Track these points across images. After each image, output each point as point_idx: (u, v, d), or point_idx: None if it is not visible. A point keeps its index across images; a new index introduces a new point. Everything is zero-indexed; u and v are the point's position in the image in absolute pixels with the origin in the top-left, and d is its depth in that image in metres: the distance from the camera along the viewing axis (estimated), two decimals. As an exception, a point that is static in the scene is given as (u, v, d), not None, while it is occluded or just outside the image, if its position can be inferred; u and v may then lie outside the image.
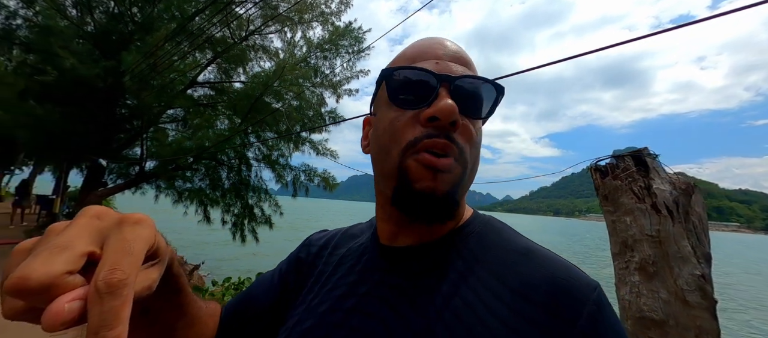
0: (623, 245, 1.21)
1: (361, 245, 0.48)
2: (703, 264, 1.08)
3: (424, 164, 0.36)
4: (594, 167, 1.36)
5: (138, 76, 5.51)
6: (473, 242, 0.41)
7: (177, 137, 7.61)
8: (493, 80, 0.40)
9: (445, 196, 0.36)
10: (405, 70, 0.39)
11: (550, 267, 0.36)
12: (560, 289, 0.34)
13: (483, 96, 0.40)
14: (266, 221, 7.83)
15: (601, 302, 0.34)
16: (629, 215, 1.20)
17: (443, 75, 0.38)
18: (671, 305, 1.06)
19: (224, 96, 8.06)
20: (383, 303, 0.39)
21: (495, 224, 0.44)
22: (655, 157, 1.23)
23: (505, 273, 0.36)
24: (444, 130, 0.36)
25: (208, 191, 7.68)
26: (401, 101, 0.39)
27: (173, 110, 7.71)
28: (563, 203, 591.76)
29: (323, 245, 0.53)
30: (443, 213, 0.38)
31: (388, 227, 0.44)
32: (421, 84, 0.38)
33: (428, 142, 0.36)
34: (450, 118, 0.36)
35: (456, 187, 0.37)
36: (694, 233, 1.14)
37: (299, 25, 7.89)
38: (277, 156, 7.79)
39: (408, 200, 0.38)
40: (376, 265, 0.44)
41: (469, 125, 0.39)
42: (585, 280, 0.35)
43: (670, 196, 1.15)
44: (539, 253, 0.38)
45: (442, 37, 0.43)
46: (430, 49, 0.41)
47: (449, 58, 0.40)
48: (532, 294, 0.34)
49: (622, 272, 1.22)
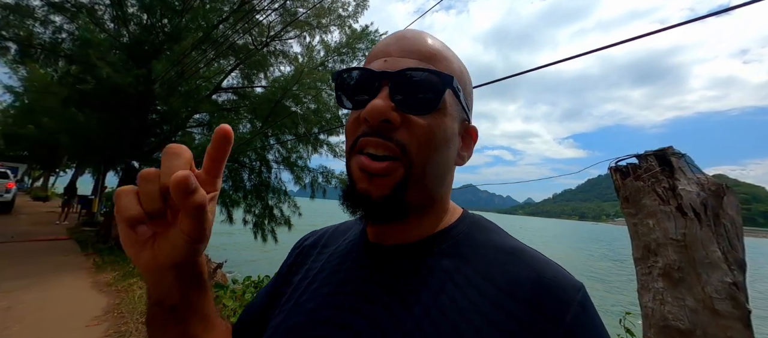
0: (646, 249, 1.14)
1: (350, 242, 0.48)
2: (735, 270, 1.00)
3: (359, 167, 0.37)
4: (614, 167, 1.29)
5: (167, 83, 5.83)
6: (461, 242, 0.41)
7: (202, 140, 7.98)
8: (437, 71, 0.38)
9: (382, 199, 0.36)
10: (350, 72, 0.40)
11: (536, 267, 0.36)
12: (546, 289, 0.34)
13: (429, 88, 0.37)
14: (285, 221, 8.03)
15: (586, 303, 0.34)
16: (652, 217, 1.13)
17: (381, 73, 0.37)
18: (699, 314, 0.99)
19: (246, 100, 8.38)
20: (370, 301, 0.39)
21: (483, 224, 0.44)
22: (681, 156, 1.16)
23: (491, 272, 0.37)
24: (377, 129, 0.36)
25: (231, 192, 7.99)
26: (347, 103, 0.41)
27: (199, 114, 8.10)
28: (589, 206, 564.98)
29: (312, 244, 0.54)
30: (384, 215, 0.38)
31: (373, 227, 0.44)
32: (362, 85, 0.39)
33: (363, 140, 0.37)
34: (376, 118, 0.36)
35: (398, 189, 0.36)
36: (725, 237, 1.06)
37: (317, 29, 8.09)
38: (295, 158, 8.00)
39: (350, 200, 0.39)
40: (363, 263, 0.44)
41: (418, 121, 0.37)
42: (570, 281, 0.35)
43: (698, 198, 1.08)
44: (526, 253, 0.38)
45: (405, 32, 0.41)
46: (385, 47, 0.40)
47: (401, 53, 0.38)
48: (518, 292, 0.34)
49: (644, 278, 1.15)
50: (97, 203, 10.58)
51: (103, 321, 3.56)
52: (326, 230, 0.56)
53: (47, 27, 7.32)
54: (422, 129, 0.37)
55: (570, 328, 0.32)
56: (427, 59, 0.39)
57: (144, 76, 6.16)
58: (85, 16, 6.75)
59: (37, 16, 7.08)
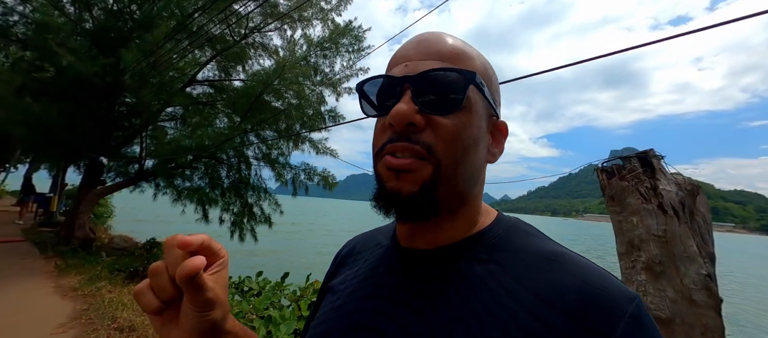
0: (630, 244, 1.22)
1: (383, 247, 0.49)
2: (708, 263, 1.10)
3: (386, 166, 0.38)
4: (600, 168, 1.37)
5: (138, 74, 5.47)
6: (496, 246, 0.40)
7: (176, 135, 7.58)
8: (458, 68, 0.38)
9: (411, 196, 0.36)
10: (371, 81, 0.41)
11: (581, 274, 0.33)
12: (592, 299, 0.31)
13: (451, 87, 0.37)
14: (266, 220, 7.82)
15: (641, 315, 0.31)
16: (636, 215, 1.21)
17: (403, 77, 0.38)
18: (678, 304, 1.08)
19: (223, 94, 8.03)
20: (402, 306, 0.39)
21: (521, 228, 0.43)
22: (660, 158, 1.25)
23: (529, 278, 0.35)
24: (402, 134, 0.37)
25: (208, 189, 7.66)
26: (372, 110, 0.42)
27: (172, 107, 7.67)
28: (561, 203, 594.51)
29: (347, 253, 0.55)
30: (415, 212, 0.37)
31: (403, 228, 0.45)
32: (385, 91, 0.40)
33: (390, 146, 0.37)
34: (401, 122, 0.36)
35: (427, 186, 0.36)
36: (699, 232, 1.16)
37: (299, 22, 7.88)
38: (276, 155, 7.78)
39: (381, 200, 0.39)
40: (395, 268, 0.44)
41: (443, 121, 0.37)
42: (622, 290, 0.32)
43: (676, 197, 1.16)
44: (570, 259, 0.36)
45: (428, 34, 0.41)
46: (405, 52, 0.41)
47: (421, 56, 0.39)
48: (559, 301, 0.32)
49: (628, 271, 1.23)
50: (56, 202, 9.79)
51: (70, 328, 3.31)
52: (361, 237, 0.57)
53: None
54: (448, 129, 0.37)
55: None
56: (448, 59, 0.39)
57: (112, 66, 5.75)
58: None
59: (-16, -4, 6.40)
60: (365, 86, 0.42)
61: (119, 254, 6.81)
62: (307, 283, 4.31)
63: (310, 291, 4.04)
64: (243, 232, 7.63)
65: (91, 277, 4.86)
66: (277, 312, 3.41)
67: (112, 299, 4.09)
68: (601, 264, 0.38)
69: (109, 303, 3.94)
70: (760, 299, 12.61)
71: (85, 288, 4.45)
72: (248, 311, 4.18)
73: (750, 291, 14.15)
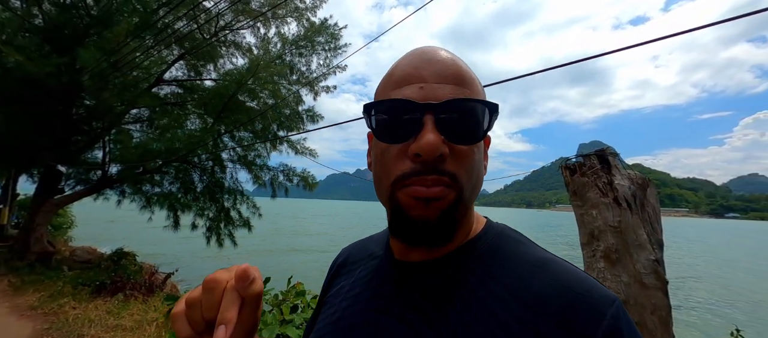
0: (590, 235, 1.33)
1: (377, 258, 0.49)
2: (656, 249, 1.22)
3: (414, 196, 0.36)
4: (564, 165, 1.48)
5: (98, 74, 5.11)
6: (485, 256, 0.40)
7: (143, 138, 7.16)
8: (485, 100, 0.38)
9: (438, 222, 0.36)
10: (386, 104, 0.39)
11: (564, 279, 0.35)
12: (574, 302, 0.32)
13: (476, 118, 0.37)
14: (244, 223, 7.59)
15: (620, 316, 0.32)
16: (595, 208, 1.32)
17: (426, 105, 0.36)
18: (631, 287, 1.19)
19: (194, 94, 7.68)
20: (397, 319, 0.39)
21: (509, 234, 0.43)
22: (615, 155, 1.36)
23: (518, 286, 0.36)
24: (430, 165, 0.35)
25: (180, 194, 7.32)
26: (386, 136, 0.38)
27: (137, 109, 7.24)
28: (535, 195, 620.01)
29: (342, 263, 0.56)
30: (440, 238, 0.38)
31: (398, 244, 0.45)
32: (404, 117, 0.37)
33: (416, 179, 0.36)
34: (434, 154, 0.35)
35: (451, 211, 0.37)
36: (649, 222, 1.28)
37: (273, 20, 7.67)
38: (253, 157, 7.56)
39: (403, 228, 0.38)
40: (390, 281, 0.44)
41: (462, 149, 0.37)
42: (603, 293, 0.34)
43: (629, 190, 1.28)
44: (554, 264, 0.37)
45: (429, 51, 0.40)
46: (415, 71, 0.39)
47: (436, 79, 0.37)
48: (545, 307, 0.33)
49: (589, 260, 1.34)
50: (6, 214, 8.97)
51: (29, 350, 3.09)
52: (356, 245, 0.57)
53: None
54: (468, 157, 0.37)
55: None
56: (462, 84, 0.38)
57: (67, 65, 5.34)
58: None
59: None
60: (378, 107, 0.40)
61: (83, 267, 6.39)
62: (289, 286, 4.26)
63: (292, 294, 3.99)
64: (220, 237, 7.38)
65: (52, 294, 4.53)
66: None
67: (77, 315, 3.84)
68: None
69: (74, 320, 3.70)
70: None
71: (46, 305, 4.15)
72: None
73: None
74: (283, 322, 3.26)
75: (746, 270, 16.40)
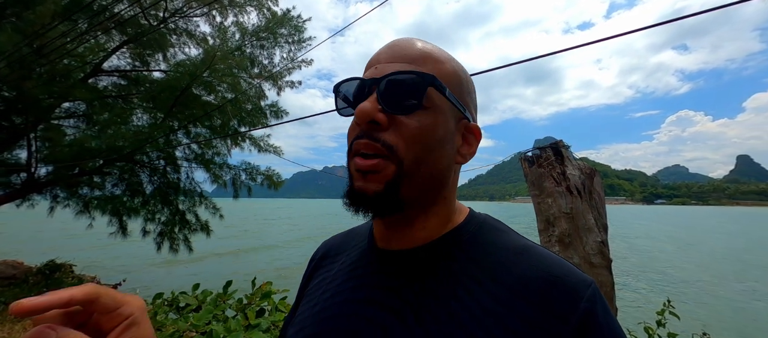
0: (547, 222, 1.44)
1: (360, 249, 0.49)
2: (602, 232, 1.35)
3: (355, 167, 0.40)
4: (523, 157, 1.57)
5: (18, 62, 4.43)
6: (468, 244, 0.41)
7: (78, 135, 6.37)
8: (417, 71, 0.39)
9: (376, 195, 0.38)
10: (344, 84, 0.44)
11: (544, 265, 0.36)
12: (554, 286, 0.34)
13: (410, 89, 0.39)
14: (203, 227, 7.08)
15: (595, 299, 0.34)
16: (551, 197, 1.42)
17: (370, 79, 0.40)
18: (581, 267, 1.30)
19: (141, 87, 6.98)
20: (382, 308, 0.39)
21: (492, 224, 0.45)
22: (568, 148, 1.48)
23: (500, 272, 0.37)
24: (367, 131, 0.39)
25: (125, 198, 6.62)
26: (344, 110, 0.44)
27: (70, 102, 6.41)
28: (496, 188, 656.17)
29: (323, 255, 0.55)
30: (381, 209, 0.39)
31: (379, 229, 0.46)
32: (356, 93, 0.42)
33: (355, 144, 0.40)
34: (364, 119, 0.38)
35: (391, 185, 0.38)
36: (595, 208, 1.41)
37: (230, 8, 7.20)
38: (212, 155, 7.06)
39: (349, 198, 0.41)
40: (374, 270, 0.44)
41: (406, 121, 0.38)
42: (580, 277, 0.35)
43: (579, 179, 1.40)
44: (534, 251, 0.39)
45: (400, 40, 0.44)
46: (376, 56, 0.43)
47: (389, 59, 0.41)
48: (527, 292, 0.34)
49: (546, 244, 1.44)
50: None
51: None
52: (337, 238, 0.57)
53: None
54: (410, 129, 0.38)
55: (581, 325, 0.32)
56: (414, 62, 0.40)
57: (-24, 50, 4.56)
58: None
59: None
60: (341, 87, 0.44)
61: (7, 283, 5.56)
62: (255, 289, 4.07)
63: (257, 296, 3.82)
64: (175, 243, 6.82)
65: None
66: (221, 325, 3.16)
67: None
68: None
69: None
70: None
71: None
72: (186, 329, 3.79)
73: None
74: (248, 327, 3.11)
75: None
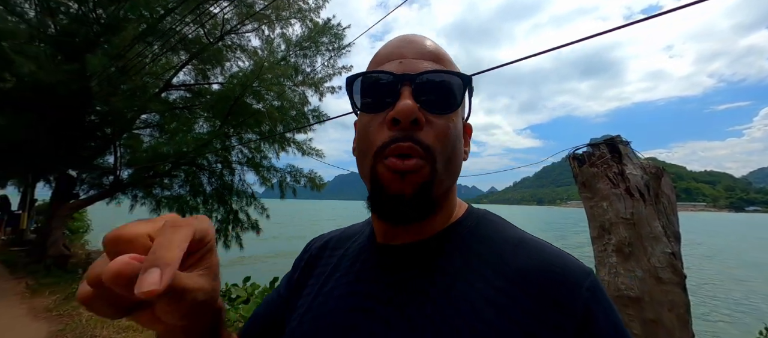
0: (601, 228, 1.27)
1: (359, 244, 0.49)
2: (673, 242, 1.15)
3: (391, 168, 0.36)
4: (572, 155, 1.41)
5: (106, 81, 5.22)
6: (468, 237, 0.41)
7: (153, 143, 7.30)
8: (457, 72, 0.40)
9: (414, 196, 0.37)
10: (367, 76, 0.40)
11: (543, 256, 0.36)
12: (554, 277, 0.34)
13: (450, 89, 0.39)
14: (253, 226, 7.64)
15: (595, 288, 0.34)
16: (606, 200, 1.25)
17: (403, 75, 0.38)
18: (646, 282, 1.12)
19: (202, 98, 7.79)
20: (383, 302, 0.39)
21: (489, 217, 0.45)
22: (627, 144, 1.29)
23: (500, 264, 0.37)
24: (407, 131, 0.36)
25: (189, 197, 7.42)
26: (367, 106, 0.40)
27: (147, 114, 7.38)
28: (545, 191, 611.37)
29: (322, 246, 0.54)
30: (417, 213, 0.38)
31: (382, 226, 0.44)
32: (383, 87, 0.39)
33: (393, 147, 0.36)
34: (409, 118, 0.36)
35: (427, 186, 0.37)
36: (664, 213, 1.21)
37: (277, 22, 7.72)
38: (260, 158, 7.62)
39: (381, 204, 0.39)
40: (374, 264, 0.44)
41: (437, 121, 0.38)
42: (578, 267, 0.36)
43: (642, 180, 1.21)
44: (532, 243, 0.39)
45: (412, 35, 0.43)
46: (397, 49, 0.41)
47: (415, 55, 0.40)
48: (527, 283, 0.34)
49: (600, 254, 1.27)
50: (25, 219, 9.26)
51: (44, 350, 3.16)
52: (335, 232, 0.56)
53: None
54: (442, 128, 0.38)
55: (583, 314, 0.32)
56: (439, 60, 0.40)
57: (76, 73, 5.46)
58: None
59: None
60: (357, 81, 0.41)
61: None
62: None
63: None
64: (228, 239, 7.46)
65: (67, 296, 4.64)
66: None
67: (90, 317, 3.92)
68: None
69: (88, 322, 3.78)
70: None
71: (61, 307, 4.25)
72: (236, 319, 4.09)
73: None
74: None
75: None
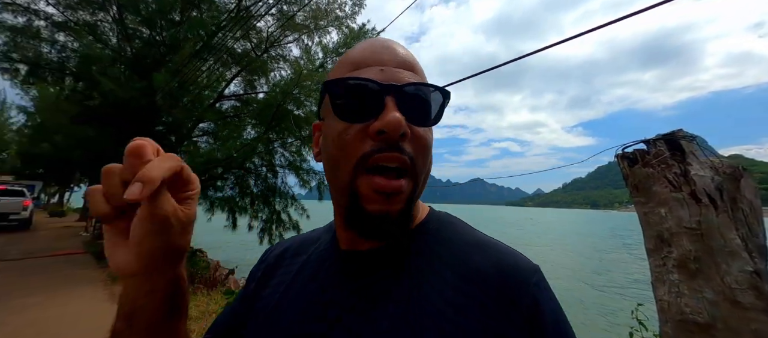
0: (659, 239, 1.08)
1: (322, 251, 0.48)
2: (756, 258, 0.93)
3: (375, 189, 0.36)
4: (621, 154, 1.23)
5: (168, 95, 5.89)
6: (430, 240, 0.42)
7: (207, 149, 8.07)
8: (439, 86, 0.40)
9: (398, 216, 0.37)
10: (349, 81, 0.38)
11: (497, 256, 0.39)
12: (506, 275, 0.37)
13: (430, 102, 0.39)
14: (294, 226, 8.06)
15: (541, 284, 0.37)
16: (664, 206, 1.07)
17: (389, 85, 0.37)
18: (718, 306, 0.93)
19: (249, 107, 8.43)
20: (347, 310, 0.39)
21: (450, 220, 0.46)
22: (692, 139, 1.09)
23: (459, 265, 0.38)
24: (393, 142, 0.36)
25: (238, 198, 8.06)
26: (347, 114, 0.38)
27: (204, 123, 8.19)
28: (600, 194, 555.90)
29: (280, 254, 0.52)
30: (401, 230, 0.39)
31: (348, 235, 0.44)
32: (366, 95, 0.37)
33: (379, 156, 0.36)
34: (399, 131, 0.35)
35: (409, 203, 0.38)
36: (744, 222, 0.99)
37: (315, 31, 8.09)
38: (300, 162, 8.03)
39: (361, 221, 0.38)
40: (337, 270, 0.43)
41: (420, 132, 0.38)
42: (527, 264, 0.39)
43: (712, 182, 1.01)
44: (488, 244, 0.41)
45: (389, 40, 0.42)
46: (376, 54, 0.39)
47: (395, 64, 0.39)
48: (483, 281, 0.36)
49: (659, 269, 1.09)
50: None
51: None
52: (294, 239, 0.56)
53: (53, 46, 7.49)
54: (422, 140, 0.38)
55: (530, 307, 0.35)
56: (415, 70, 0.40)
57: (145, 89, 6.25)
58: (87, 33, 6.88)
59: (43, 36, 7.24)
60: (338, 86, 0.39)
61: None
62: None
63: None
64: (272, 238, 7.95)
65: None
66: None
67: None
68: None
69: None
70: None
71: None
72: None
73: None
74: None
75: None
